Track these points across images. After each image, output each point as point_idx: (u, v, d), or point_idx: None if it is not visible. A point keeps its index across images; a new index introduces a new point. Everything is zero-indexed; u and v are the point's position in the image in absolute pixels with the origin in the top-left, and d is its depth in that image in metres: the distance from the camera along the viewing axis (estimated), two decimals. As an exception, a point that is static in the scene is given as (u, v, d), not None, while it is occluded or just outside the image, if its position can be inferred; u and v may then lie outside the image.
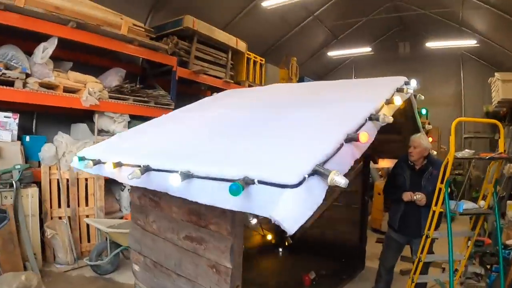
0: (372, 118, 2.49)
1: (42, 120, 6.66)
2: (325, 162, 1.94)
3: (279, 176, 1.83)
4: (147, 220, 3.68)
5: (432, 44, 12.92)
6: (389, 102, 2.87)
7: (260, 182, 1.88)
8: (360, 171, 5.64)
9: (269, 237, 5.94)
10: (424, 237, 3.58)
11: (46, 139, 5.98)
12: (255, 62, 9.50)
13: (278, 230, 6.13)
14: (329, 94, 3.39)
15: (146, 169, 2.56)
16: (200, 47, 7.82)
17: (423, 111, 4.41)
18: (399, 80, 3.46)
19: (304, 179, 1.81)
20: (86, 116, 6.55)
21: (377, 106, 2.68)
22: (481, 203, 3.35)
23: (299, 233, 6.18)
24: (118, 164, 2.92)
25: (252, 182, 1.89)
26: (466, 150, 3.32)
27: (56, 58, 6.02)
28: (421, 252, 3.63)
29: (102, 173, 3.25)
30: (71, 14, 5.68)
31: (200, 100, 4.90)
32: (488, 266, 4.53)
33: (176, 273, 3.22)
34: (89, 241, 5.89)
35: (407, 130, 4.60)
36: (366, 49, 13.83)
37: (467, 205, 3.26)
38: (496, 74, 10.07)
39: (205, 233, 2.90)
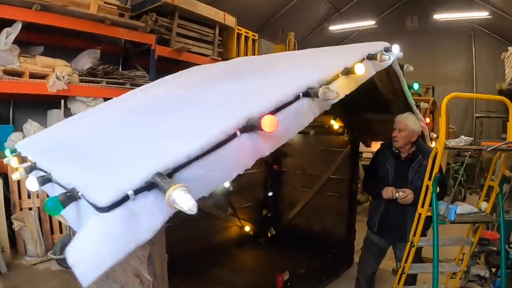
0: (310, 93, 1.57)
1: (19, 107, 6.05)
2: (184, 165, 1.10)
3: (94, 191, 1.13)
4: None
5: (440, 16, 11.43)
6: (349, 71, 1.92)
7: (83, 196, 1.21)
8: (348, 156, 4.68)
9: (247, 228, 5.11)
10: (408, 244, 2.66)
11: (13, 128, 5.37)
12: (246, 38, 8.47)
13: (258, 220, 5.32)
14: (276, 65, 2.46)
15: (32, 168, 2.05)
16: (182, 24, 6.87)
17: (415, 86, 3.41)
18: (375, 46, 2.49)
19: (124, 198, 1.06)
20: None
21: (325, 77, 1.76)
22: (482, 205, 2.41)
23: (283, 223, 5.37)
24: (24, 160, 2.41)
25: (78, 196, 1.23)
26: (462, 136, 2.34)
27: (27, 43, 5.44)
28: (406, 261, 2.73)
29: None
30: (35, -4, 4.94)
31: (167, 76, 4.08)
32: (494, 270, 3.55)
33: (111, 276, 2.63)
34: (61, 232, 5.31)
35: (397, 108, 3.65)
36: (370, 23, 12.39)
37: (462, 208, 2.31)
38: (509, 48, 8.80)
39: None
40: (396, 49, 2.56)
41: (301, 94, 1.54)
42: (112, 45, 6.95)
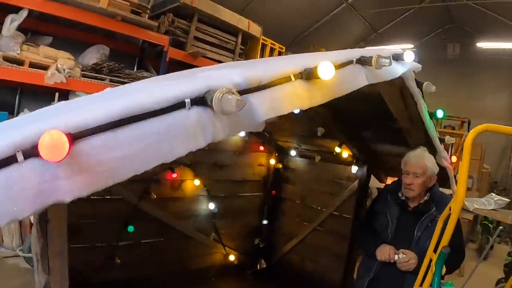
0: (207, 99, 0.85)
1: (27, 96, 5.78)
2: None
3: None
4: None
5: (484, 45, 10.17)
6: (310, 75, 1.17)
7: None
8: (354, 192, 3.81)
9: (232, 257, 4.32)
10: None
11: (7, 116, 5.03)
12: (272, 49, 7.79)
13: (248, 250, 4.54)
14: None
15: None
16: (202, 28, 6.31)
17: (439, 114, 2.48)
18: (379, 51, 1.70)
19: None
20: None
21: (253, 77, 1.01)
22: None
23: (276, 257, 4.55)
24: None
25: None
26: (492, 194, 1.49)
27: (38, 32, 5.19)
28: None
29: None
30: (44, -15, 4.64)
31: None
32: None
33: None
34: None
35: (415, 140, 2.81)
36: (408, 46, 11.22)
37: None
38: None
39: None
40: (409, 57, 1.76)
41: (188, 100, 0.82)
42: (129, 44, 6.59)
